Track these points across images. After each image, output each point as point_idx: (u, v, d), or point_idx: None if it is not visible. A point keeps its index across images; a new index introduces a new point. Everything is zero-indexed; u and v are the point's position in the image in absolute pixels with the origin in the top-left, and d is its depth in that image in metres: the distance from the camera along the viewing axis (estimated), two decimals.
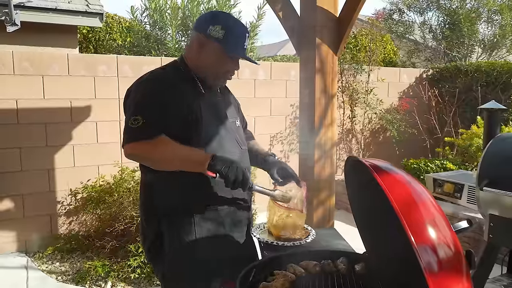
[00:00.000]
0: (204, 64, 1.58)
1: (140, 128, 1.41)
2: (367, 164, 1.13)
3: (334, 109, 2.82)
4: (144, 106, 1.47)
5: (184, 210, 1.55)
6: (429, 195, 1.11)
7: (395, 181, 1.10)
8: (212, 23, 1.55)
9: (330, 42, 2.71)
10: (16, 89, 3.65)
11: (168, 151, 1.46)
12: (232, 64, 1.61)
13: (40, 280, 3.28)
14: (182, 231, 1.54)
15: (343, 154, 5.70)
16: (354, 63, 5.37)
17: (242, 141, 1.73)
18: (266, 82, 4.95)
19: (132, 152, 1.45)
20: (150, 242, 1.61)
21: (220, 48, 1.55)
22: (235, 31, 1.57)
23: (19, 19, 4.68)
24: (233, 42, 1.56)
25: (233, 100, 1.84)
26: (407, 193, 1.07)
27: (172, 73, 1.58)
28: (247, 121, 1.95)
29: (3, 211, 3.70)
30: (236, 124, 1.72)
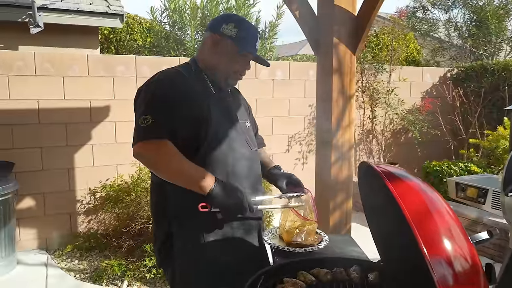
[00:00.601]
0: (216, 63, 1.57)
1: (149, 127, 1.40)
2: (379, 171, 1.08)
3: (352, 110, 2.75)
4: (154, 106, 1.45)
5: (194, 212, 1.52)
6: (445, 204, 1.05)
7: (408, 188, 1.04)
8: (225, 22, 1.56)
9: (348, 42, 2.65)
10: (38, 90, 3.72)
11: (172, 166, 1.42)
12: (243, 63, 1.59)
13: (59, 277, 3.34)
14: (192, 234, 1.52)
15: (363, 156, 5.59)
16: (375, 63, 5.25)
17: (253, 142, 1.70)
18: (284, 82, 4.90)
19: (139, 151, 1.42)
20: (160, 243, 1.59)
21: (233, 45, 1.54)
22: (247, 30, 1.57)
23: (42, 21, 4.80)
24: (246, 40, 1.55)
25: (244, 102, 1.82)
26: (420, 201, 1.02)
27: (183, 73, 1.56)
28: (258, 126, 1.92)
29: (25, 209, 3.78)
30: (246, 125, 1.70)
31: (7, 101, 3.63)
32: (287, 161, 4.95)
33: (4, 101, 3.62)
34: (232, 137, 1.57)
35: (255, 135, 1.85)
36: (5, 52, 3.72)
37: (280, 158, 4.96)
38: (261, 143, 1.91)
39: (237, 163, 1.57)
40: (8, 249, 3.38)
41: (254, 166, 1.66)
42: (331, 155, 2.70)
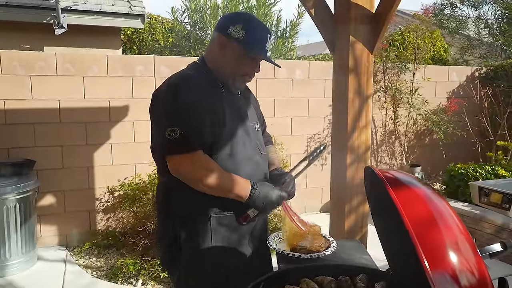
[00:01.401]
0: (223, 65, 1.54)
1: (178, 140, 1.37)
2: (382, 176, 1.02)
3: (369, 110, 2.66)
4: (179, 117, 1.42)
5: (201, 215, 1.50)
6: (453, 215, 0.98)
7: (412, 196, 0.98)
8: (233, 23, 1.52)
9: (365, 40, 2.56)
10: (59, 89, 3.80)
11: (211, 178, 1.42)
12: (251, 65, 1.55)
13: (76, 274, 3.40)
14: (198, 236, 1.50)
15: (385, 157, 5.46)
16: (398, 62, 5.11)
17: (262, 146, 1.68)
18: (303, 82, 4.83)
19: (176, 167, 1.42)
20: (166, 245, 1.58)
21: (240, 48, 1.50)
22: (256, 31, 1.52)
23: (66, 22, 4.91)
24: (254, 42, 1.51)
25: (253, 101, 1.78)
26: (425, 210, 0.95)
27: (198, 77, 1.53)
28: (266, 123, 1.89)
29: (46, 206, 3.87)
30: (255, 128, 1.67)
31: (29, 101, 3.72)
32: None
33: (27, 100, 3.71)
34: (244, 143, 1.55)
35: (263, 132, 1.82)
36: (28, 52, 3.82)
37: (299, 158, 4.87)
38: (268, 141, 1.88)
39: (248, 170, 1.55)
40: (29, 245, 3.46)
41: (263, 170, 1.63)
42: (347, 157, 2.63)
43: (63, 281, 3.25)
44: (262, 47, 1.53)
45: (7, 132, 3.68)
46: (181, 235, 1.51)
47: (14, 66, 3.65)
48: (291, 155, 4.82)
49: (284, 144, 4.61)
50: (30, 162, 3.58)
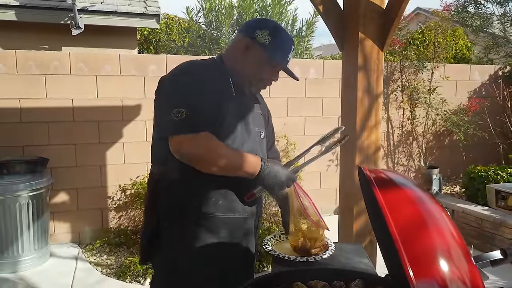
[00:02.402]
0: (243, 68, 1.51)
1: (184, 121, 1.35)
2: (370, 176, 0.96)
3: (379, 110, 2.58)
4: (186, 98, 1.40)
5: (184, 211, 1.47)
6: (446, 219, 0.91)
7: (400, 198, 0.91)
8: (260, 28, 1.50)
9: (375, 37, 2.48)
10: (73, 88, 3.85)
11: (221, 157, 1.40)
12: (270, 73, 1.53)
13: (86, 271, 3.43)
14: (178, 233, 1.46)
15: (402, 158, 5.31)
16: (415, 60, 4.96)
17: (263, 154, 1.62)
18: (317, 81, 4.75)
19: (180, 148, 1.38)
20: (146, 241, 1.54)
21: (264, 54, 1.48)
22: (282, 40, 1.51)
23: (82, 22, 4.98)
24: (278, 50, 1.49)
25: (265, 111, 1.73)
26: (414, 214, 0.88)
27: (211, 68, 1.53)
28: (274, 140, 1.83)
29: (60, 203, 3.93)
30: (260, 135, 1.62)
31: (44, 100, 3.78)
32: (320, 162, 4.79)
33: (41, 99, 3.78)
34: (243, 144, 1.50)
35: (271, 147, 1.77)
36: (43, 52, 3.89)
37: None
38: (276, 157, 1.81)
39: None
40: (41, 242, 3.51)
41: None
42: (355, 157, 2.55)
43: (73, 278, 3.28)
44: (285, 57, 1.52)
45: (22, 130, 3.75)
46: (161, 232, 1.48)
47: (29, 66, 3.72)
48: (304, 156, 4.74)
49: (297, 144, 4.54)
50: (44, 160, 3.64)
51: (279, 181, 1.44)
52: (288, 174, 1.47)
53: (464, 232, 4.01)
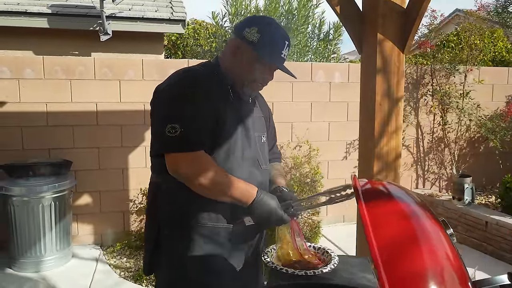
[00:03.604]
0: (234, 68, 1.46)
1: (179, 138, 1.31)
2: (357, 186, 0.87)
3: (399, 115, 2.45)
4: (180, 113, 1.35)
5: (185, 221, 1.42)
6: (443, 238, 0.81)
7: (390, 213, 0.82)
8: (249, 25, 1.43)
9: (395, 38, 2.36)
10: (97, 93, 3.93)
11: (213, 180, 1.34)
12: (262, 72, 1.44)
13: (105, 273, 3.46)
14: (180, 244, 1.42)
15: (432, 166, 5.07)
16: (447, 63, 4.73)
17: (264, 159, 1.56)
18: (342, 85, 4.62)
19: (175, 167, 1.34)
20: (148, 251, 1.51)
21: (253, 53, 1.41)
22: (271, 37, 1.42)
23: (111, 29, 5.09)
24: (268, 47, 1.40)
25: (265, 111, 1.66)
26: (403, 231, 0.79)
27: (206, 75, 1.46)
28: (277, 139, 1.77)
29: (83, 205, 4.01)
30: (261, 139, 1.56)
31: (69, 104, 3.88)
32: (344, 169, 4.65)
33: (67, 103, 3.88)
34: (243, 153, 1.45)
35: (271, 148, 1.70)
36: (69, 58, 3.99)
37: (337, 165, 4.69)
38: (277, 157, 1.75)
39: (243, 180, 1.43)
40: (64, 243, 3.59)
41: (261, 186, 1.51)
42: (373, 165, 2.43)
43: (91, 280, 3.32)
44: (276, 54, 1.42)
45: (48, 133, 3.86)
46: (162, 243, 1.43)
47: (56, 71, 3.83)
48: (328, 161, 4.63)
49: (320, 150, 4.43)
50: (67, 163, 3.72)
51: (267, 220, 1.37)
52: (279, 216, 1.37)
53: (497, 245, 3.75)
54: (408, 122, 4.86)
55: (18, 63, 3.76)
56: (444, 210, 4.39)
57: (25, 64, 3.78)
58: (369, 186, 0.93)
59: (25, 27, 4.92)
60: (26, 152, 3.81)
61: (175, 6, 5.70)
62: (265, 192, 1.39)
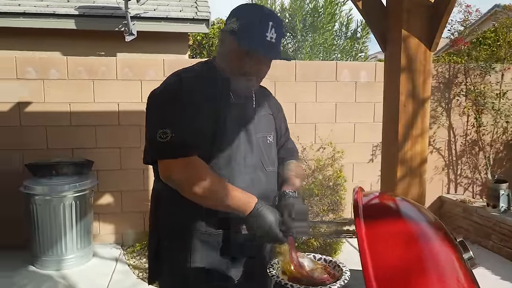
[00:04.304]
0: (224, 65, 1.36)
1: (170, 143, 1.24)
2: (358, 200, 0.76)
3: (425, 116, 2.29)
4: (172, 118, 1.28)
5: (184, 229, 1.35)
6: (457, 265, 0.69)
7: (393, 233, 0.71)
8: (230, 17, 1.34)
9: (421, 34, 2.20)
10: (118, 93, 3.94)
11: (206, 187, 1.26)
12: (251, 63, 1.31)
13: (123, 274, 3.46)
14: (179, 253, 1.35)
15: (465, 170, 4.79)
16: (482, 61, 4.45)
17: (270, 160, 1.45)
18: (368, 85, 4.44)
19: (167, 174, 1.28)
20: (151, 259, 1.45)
21: (234, 42, 1.29)
22: (252, 21, 1.28)
23: (135, 29, 5.12)
24: (249, 33, 1.27)
25: (273, 108, 1.54)
26: (407, 256, 0.67)
27: (201, 76, 1.37)
28: (288, 135, 1.64)
29: (105, 205, 4.04)
30: (267, 140, 1.45)
31: (92, 104, 3.92)
32: (370, 172, 4.47)
33: (89, 103, 3.91)
34: (242, 158, 1.35)
35: (283, 145, 1.58)
36: (92, 58, 4.03)
37: (362, 168, 4.51)
38: (290, 154, 1.61)
39: (244, 185, 1.33)
40: (84, 242, 3.62)
41: (267, 189, 1.41)
42: (397, 170, 2.28)
43: (109, 280, 3.33)
44: (259, 39, 1.26)
45: (71, 133, 3.91)
46: (162, 249, 1.37)
47: (79, 71, 3.87)
48: (353, 164, 4.46)
49: (345, 152, 4.27)
50: (89, 163, 3.75)
51: (263, 235, 1.26)
52: (274, 234, 1.25)
53: None
54: (439, 123, 4.63)
55: (43, 64, 3.83)
56: (477, 217, 4.14)
57: (50, 64, 3.84)
58: (376, 201, 0.83)
59: (53, 29, 5.02)
60: (50, 151, 3.87)
61: (199, 6, 5.67)
62: (264, 205, 1.28)
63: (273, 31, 1.27)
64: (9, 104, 3.81)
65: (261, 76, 1.38)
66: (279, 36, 1.29)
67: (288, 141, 1.63)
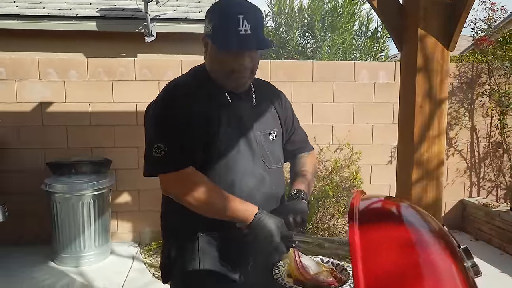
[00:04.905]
0: (210, 67, 1.36)
1: (164, 158, 1.27)
2: (353, 206, 0.74)
3: (442, 118, 2.22)
4: (165, 132, 1.30)
5: (189, 232, 1.36)
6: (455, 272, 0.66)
7: (388, 238, 0.68)
8: (205, 18, 1.34)
9: (438, 33, 2.14)
10: (137, 93, 4.00)
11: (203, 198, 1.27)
12: (232, 60, 1.28)
13: (139, 272, 3.50)
14: (185, 256, 1.36)
15: (489, 173, 4.64)
16: (507, 61, 4.31)
17: (274, 157, 1.43)
18: (388, 85, 4.36)
19: (164, 186, 1.34)
20: (162, 264, 1.47)
21: (211, 44, 1.29)
22: (222, 19, 1.26)
23: (155, 30, 5.19)
24: (220, 33, 1.25)
25: (276, 103, 1.51)
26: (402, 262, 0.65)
27: (193, 84, 1.37)
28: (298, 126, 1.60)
29: (123, 203, 4.10)
30: (269, 136, 1.43)
31: (111, 104, 3.99)
32: (389, 174, 4.37)
33: (109, 104, 3.99)
34: (243, 158, 1.34)
35: (289, 138, 1.54)
36: (111, 59, 4.10)
37: (381, 170, 4.43)
38: (300, 148, 1.57)
39: (246, 185, 1.33)
40: (102, 239, 3.68)
41: (271, 188, 1.39)
42: (412, 173, 2.22)
43: (125, 278, 3.37)
44: (232, 36, 1.22)
45: (91, 132, 3.99)
46: (172, 252, 1.38)
47: (98, 72, 3.95)
48: (371, 166, 4.39)
49: (362, 154, 4.21)
50: (107, 162, 3.82)
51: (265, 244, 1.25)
52: (275, 245, 1.24)
53: None
54: (461, 125, 4.50)
55: (64, 65, 3.92)
56: (500, 222, 4.00)
57: (70, 66, 3.93)
58: (376, 206, 0.80)
59: (76, 31, 5.14)
60: (71, 150, 3.96)
61: None
62: (265, 214, 1.26)
63: (246, 23, 1.23)
64: (32, 104, 3.92)
65: (248, 70, 1.33)
66: (255, 25, 1.24)
67: (295, 133, 1.57)
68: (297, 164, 1.54)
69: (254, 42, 1.25)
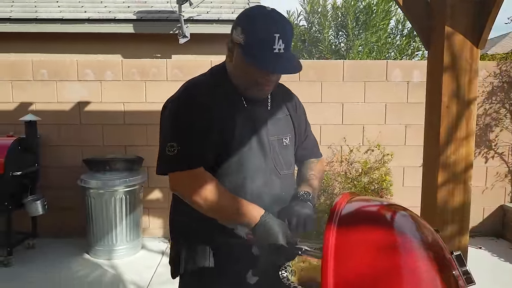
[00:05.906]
0: (233, 73, 1.36)
1: (176, 157, 1.30)
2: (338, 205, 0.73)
3: (471, 118, 2.12)
4: (179, 131, 1.32)
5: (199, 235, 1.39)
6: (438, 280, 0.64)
7: (363, 242, 0.67)
8: (235, 25, 1.31)
9: (467, 31, 2.05)
10: (168, 93, 4.04)
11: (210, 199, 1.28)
12: (259, 75, 1.29)
13: (167, 267, 3.56)
14: (196, 258, 1.39)
15: None
16: None
17: (286, 163, 1.43)
18: (422, 85, 4.15)
19: (173, 184, 1.35)
20: (172, 265, 1.51)
21: (242, 56, 1.27)
22: (256, 34, 1.24)
23: (189, 31, 5.31)
24: (254, 47, 1.24)
25: (290, 107, 1.51)
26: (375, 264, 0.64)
27: (211, 85, 1.39)
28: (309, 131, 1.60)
29: (154, 200, 4.23)
30: (282, 142, 1.43)
31: (144, 104, 4.12)
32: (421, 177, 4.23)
33: (142, 103, 4.12)
34: (255, 162, 1.35)
35: (301, 143, 1.55)
36: (144, 60, 4.24)
37: (413, 172, 4.28)
38: (309, 154, 1.57)
39: (254, 189, 1.34)
40: (134, 234, 3.82)
41: (281, 193, 1.39)
42: (438, 176, 2.14)
43: (154, 272, 3.48)
44: (266, 54, 1.22)
45: (125, 131, 4.14)
46: (181, 252, 1.41)
47: (132, 73, 4.10)
48: (403, 167, 4.26)
49: (394, 155, 4.10)
50: (139, 159, 3.95)
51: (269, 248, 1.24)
52: (281, 247, 1.22)
53: None
54: (502, 126, 4.27)
55: (100, 66, 4.10)
56: None
57: (106, 66, 4.10)
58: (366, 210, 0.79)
59: (114, 33, 5.35)
60: (106, 148, 4.13)
61: None
62: (272, 217, 1.25)
63: (281, 42, 1.23)
64: (71, 103, 4.13)
65: (273, 84, 1.35)
66: (288, 43, 1.24)
67: (307, 138, 1.58)
68: (306, 169, 1.53)
69: (285, 63, 1.25)
